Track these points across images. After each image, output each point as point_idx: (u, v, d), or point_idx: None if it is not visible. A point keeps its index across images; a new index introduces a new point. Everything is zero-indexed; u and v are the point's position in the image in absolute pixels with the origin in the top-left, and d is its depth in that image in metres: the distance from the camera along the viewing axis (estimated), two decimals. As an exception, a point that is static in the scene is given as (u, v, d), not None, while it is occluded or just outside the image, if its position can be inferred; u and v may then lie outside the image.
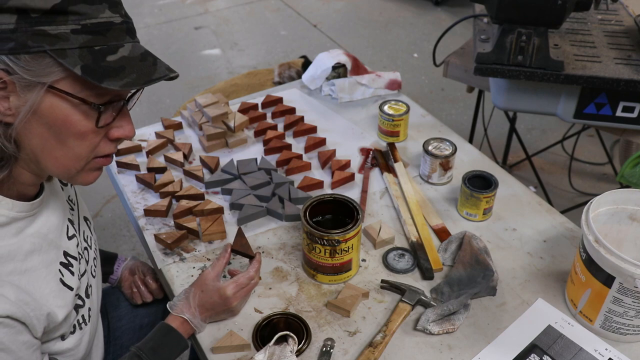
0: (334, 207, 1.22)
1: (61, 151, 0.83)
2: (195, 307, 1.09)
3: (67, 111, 0.80)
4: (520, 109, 1.68)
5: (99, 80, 0.76)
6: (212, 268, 1.12)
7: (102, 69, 0.77)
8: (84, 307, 0.99)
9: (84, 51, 0.76)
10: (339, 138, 1.62)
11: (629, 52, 1.57)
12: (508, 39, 1.47)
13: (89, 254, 1.06)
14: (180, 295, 1.11)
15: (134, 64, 0.80)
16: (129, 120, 0.88)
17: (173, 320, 1.08)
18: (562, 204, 2.52)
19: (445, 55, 1.97)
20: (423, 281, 1.20)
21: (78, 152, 0.84)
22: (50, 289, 0.89)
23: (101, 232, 2.59)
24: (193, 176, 1.47)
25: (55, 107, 0.79)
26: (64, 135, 0.81)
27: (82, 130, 0.82)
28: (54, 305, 0.89)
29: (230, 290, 1.09)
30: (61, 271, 0.92)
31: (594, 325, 1.08)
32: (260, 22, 4.36)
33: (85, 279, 1.01)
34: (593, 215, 1.08)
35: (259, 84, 2.55)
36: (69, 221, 1.00)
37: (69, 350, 0.96)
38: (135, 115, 0.91)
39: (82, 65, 0.76)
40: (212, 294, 1.09)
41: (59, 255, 0.93)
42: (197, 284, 1.11)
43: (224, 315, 1.12)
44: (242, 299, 1.13)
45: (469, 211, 1.33)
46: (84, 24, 0.76)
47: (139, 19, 4.40)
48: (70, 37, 0.76)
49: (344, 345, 1.08)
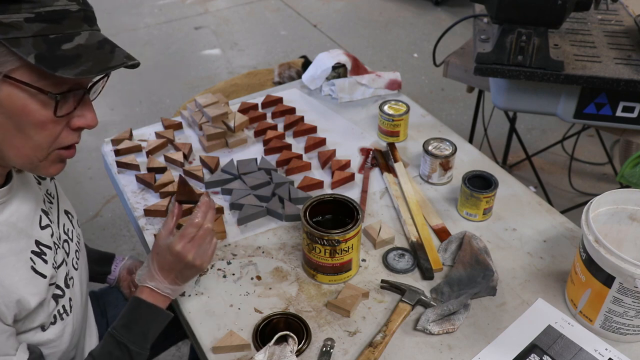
0: (334, 207, 1.22)
1: (22, 140, 0.83)
2: (156, 272, 1.04)
3: (25, 101, 0.79)
4: (520, 109, 1.68)
5: (53, 69, 0.76)
6: (163, 227, 1.07)
7: (56, 57, 0.76)
8: (64, 297, 0.99)
9: (38, 40, 0.76)
10: (339, 138, 1.62)
11: (629, 52, 1.57)
12: (508, 39, 1.47)
13: (69, 246, 1.05)
14: (143, 266, 1.08)
15: (90, 51, 0.79)
16: (91, 109, 0.87)
17: (141, 292, 1.04)
18: (562, 204, 2.52)
19: (445, 55, 1.97)
20: (423, 281, 1.20)
21: (38, 141, 0.84)
22: (20, 277, 0.89)
23: (101, 232, 2.59)
24: (193, 176, 1.47)
25: (12, 96, 0.79)
26: (23, 124, 0.81)
27: (41, 119, 0.81)
28: (26, 292, 0.89)
29: (179, 245, 1.01)
30: (32, 259, 0.92)
31: (594, 325, 1.08)
32: (260, 22, 4.36)
33: (64, 269, 1.00)
34: (593, 215, 1.08)
35: (259, 84, 2.55)
36: (43, 212, 0.99)
37: (51, 341, 0.96)
38: (135, 115, 0.92)
39: (36, 53, 0.75)
40: (165, 254, 1.03)
41: (30, 244, 0.93)
42: (153, 249, 1.06)
43: (188, 272, 1.05)
44: (196, 250, 1.03)
45: (469, 211, 1.33)
46: (37, 12, 0.76)
47: (139, 19, 4.40)
48: (23, 25, 0.75)
49: (344, 345, 1.08)
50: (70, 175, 2.87)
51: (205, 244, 1.05)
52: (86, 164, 2.93)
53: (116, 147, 1.56)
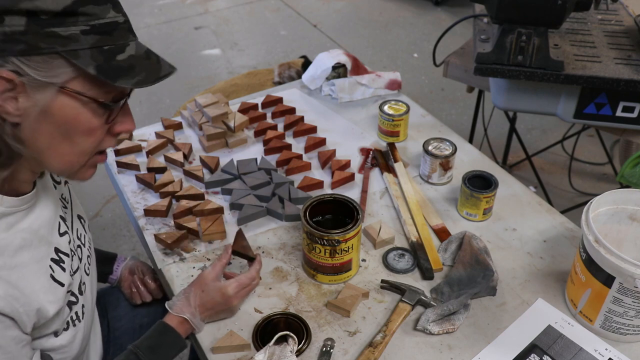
0: (334, 207, 1.22)
1: (68, 148, 0.85)
2: (195, 307, 1.09)
3: (78, 110, 0.82)
4: (520, 109, 1.68)
5: (113, 79, 0.79)
6: (212, 268, 1.13)
7: (113, 68, 0.79)
8: (77, 304, 0.99)
9: (95, 51, 0.78)
10: (339, 138, 1.62)
11: (629, 52, 1.57)
12: (508, 39, 1.47)
13: (82, 252, 1.06)
14: (179, 295, 1.11)
15: (141, 62, 0.82)
16: (130, 114, 0.91)
17: (171, 320, 1.08)
18: (562, 204, 2.52)
19: (445, 55, 1.97)
20: (423, 281, 1.20)
21: (84, 148, 0.86)
22: (41, 285, 0.89)
23: (101, 232, 2.59)
24: (193, 176, 1.47)
25: (65, 106, 0.81)
26: (72, 132, 0.83)
27: (92, 127, 0.84)
28: (45, 300, 0.89)
29: (233, 290, 1.11)
30: (52, 267, 0.93)
31: (594, 325, 1.08)
32: (260, 22, 4.36)
33: (78, 276, 1.01)
34: (593, 215, 1.08)
35: (259, 84, 2.55)
36: (61, 218, 1.00)
37: (63, 347, 0.97)
38: (135, 115, 0.93)
39: (96, 65, 0.78)
40: (214, 294, 1.10)
41: (50, 251, 0.94)
42: (197, 284, 1.11)
43: (223, 314, 1.13)
44: (242, 299, 1.14)
45: (469, 211, 1.33)
46: (92, 24, 0.78)
47: (139, 19, 4.40)
48: (80, 37, 0.77)
49: (344, 345, 1.08)
50: (70, 175, 2.86)
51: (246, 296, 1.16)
52: (86, 164, 2.93)
53: (116, 147, 1.56)
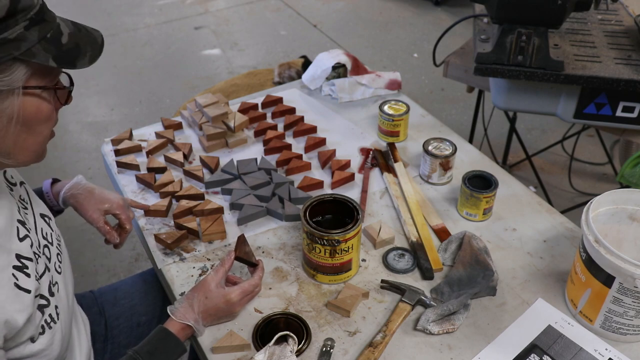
0: (334, 207, 1.22)
1: (32, 139, 0.86)
2: (198, 313, 1.08)
3: (38, 103, 0.83)
4: (520, 109, 1.68)
5: (72, 64, 0.80)
6: (215, 274, 1.11)
7: (66, 53, 0.80)
8: (49, 306, 0.97)
9: (44, 43, 0.78)
10: (339, 138, 1.62)
11: (629, 52, 1.57)
12: (508, 39, 1.47)
13: (50, 251, 1.03)
14: (181, 301, 1.10)
15: (79, 37, 0.83)
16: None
17: (173, 326, 1.07)
18: (562, 204, 2.52)
19: (445, 55, 1.97)
20: (423, 281, 1.20)
21: (46, 133, 0.89)
22: (6, 296, 0.86)
23: (101, 232, 2.59)
24: (193, 176, 1.47)
25: (28, 104, 0.82)
26: (34, 125, 0.85)
27: (49, 113, 0.86)
28: (12, 310, 0.87)
29: (236, 297, 1.10)
30: (15, 275, 0.89)
31: (594, 325, 1.08)
32: (260, 22, 4.36)
33: (47, 278, 0.98)
34: (593, 215, 1.08)
35: (259, 84, 2.55)
36: (19, 222, 0.96)
37: (42, 350, 0.95)
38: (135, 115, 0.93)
39: (52, 56, 0.78)
40: (217, 300, 1.09)
41: (11, 259, 0.90)
42: (200, 290, 1.10)
43: (224, 319, 1.13)
44: (244, 305, 1.14)
45: (469, 211, 1.33)
46: (29, 17, 0.78)
47: (139, 19, 4.40)
48: (26, 35, 0.77)
49: (344, 345, 1.08)
50: (70, 175, 2.87)
51: (249, 301, 1.17)
52: (86, 164, 2.92)
53: (116, 147, 1.56)
